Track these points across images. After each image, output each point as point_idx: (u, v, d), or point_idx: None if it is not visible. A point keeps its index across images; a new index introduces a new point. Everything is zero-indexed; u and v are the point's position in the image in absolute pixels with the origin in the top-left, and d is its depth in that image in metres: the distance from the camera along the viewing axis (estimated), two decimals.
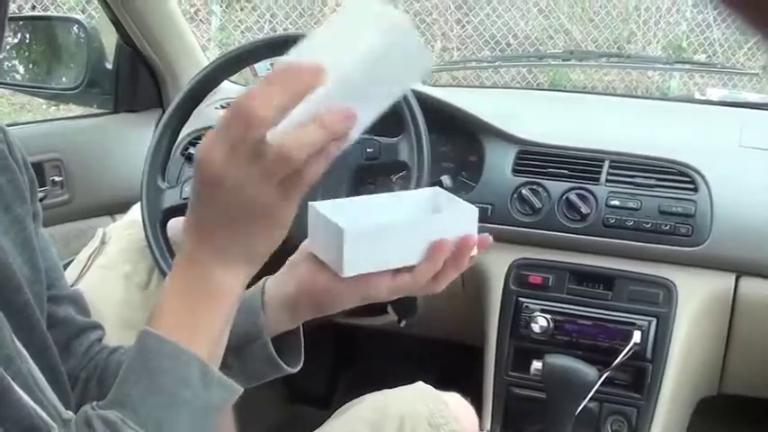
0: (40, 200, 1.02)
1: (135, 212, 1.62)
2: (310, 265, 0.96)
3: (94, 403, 0.80)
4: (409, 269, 0.93)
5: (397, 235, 0.91)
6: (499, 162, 1.72)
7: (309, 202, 0.97)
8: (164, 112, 1.69)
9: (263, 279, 1.00)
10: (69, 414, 0.87)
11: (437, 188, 1.04)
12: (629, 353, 1.56)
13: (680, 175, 1.62)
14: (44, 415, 0.80)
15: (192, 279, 0.81)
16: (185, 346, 0.78)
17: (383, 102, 0.82)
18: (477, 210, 0.95)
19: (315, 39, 0.80)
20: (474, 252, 0.94)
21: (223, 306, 0.82)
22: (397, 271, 0.93)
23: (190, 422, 0.78)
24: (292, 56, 0.79)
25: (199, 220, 0.81)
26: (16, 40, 2.18)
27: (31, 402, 0.79)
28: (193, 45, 2.16)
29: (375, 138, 1.54)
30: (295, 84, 0.75)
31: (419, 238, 0.92)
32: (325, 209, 0.94)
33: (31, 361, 0.85)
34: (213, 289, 0.81)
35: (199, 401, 0.79)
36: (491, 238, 0.95)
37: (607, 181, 1.65)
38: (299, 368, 1.02)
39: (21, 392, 0.78)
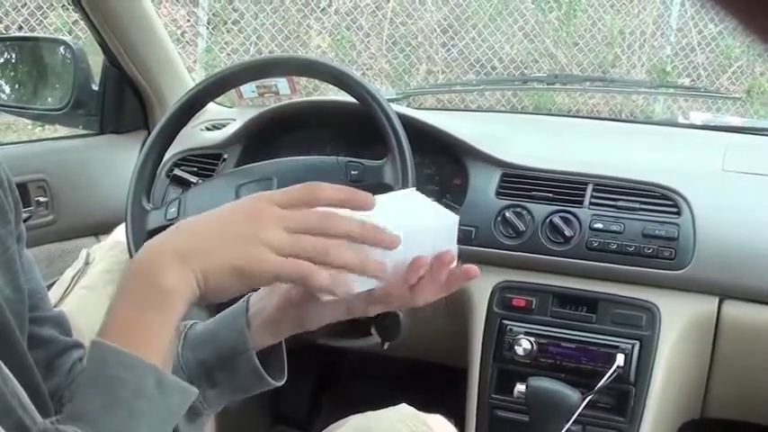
0: (25, 220, 1.01)
1: (119, 233, 1.62)
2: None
3: (54, 418, 0.79)
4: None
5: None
6: (483, 185, 1.72)
7: None
8: (149, 133, 1.69)
9: (247, 295, 1.00)
10: None
11: (414, 192, 1.02)
12: (613, 376, 1.56)
13: (663, 199, 1.63)
14: None
15: (141, 281, 0.81)
16: (139, 355, 0.78)
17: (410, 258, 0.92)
18: (457, 218, 0.94)
19: (390, 201, 0.95)
20: (454, 264, 0.93)
21: (172, 307, 0.81)
22: None
23: (149, 431, 0.78)
24: (373, 211, 0.89)
25: (193, 220, 0.85)
26: (2, 60, 2.18)
27: None
28: (179, 67, 2.16)
29: (360, 160, 1.55)
30: (376, 236, 0.85)
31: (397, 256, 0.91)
32: None
33: (16, 381, 0.84)
34: (162, 289, 0.80)
35: (156, 410, 0.78)
36: (476, 269, 0.94)
37: (591, 204, 1.65)
38: (283, 381, 1.02)
39: None
